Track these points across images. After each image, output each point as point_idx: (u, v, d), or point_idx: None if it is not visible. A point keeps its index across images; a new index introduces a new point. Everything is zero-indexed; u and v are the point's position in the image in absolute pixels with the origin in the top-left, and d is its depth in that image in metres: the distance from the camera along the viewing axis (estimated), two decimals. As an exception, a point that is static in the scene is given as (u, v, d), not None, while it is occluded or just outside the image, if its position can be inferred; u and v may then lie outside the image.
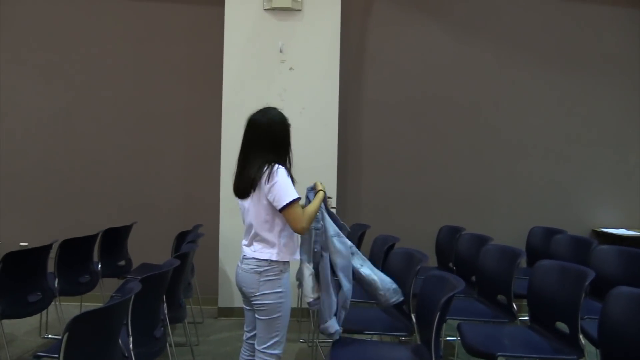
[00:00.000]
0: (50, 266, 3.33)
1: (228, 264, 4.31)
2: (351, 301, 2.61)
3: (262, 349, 2.34)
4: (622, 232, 4.58)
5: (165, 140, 4.72)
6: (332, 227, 2.52)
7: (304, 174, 4.33)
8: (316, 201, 2.45)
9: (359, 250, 2.72)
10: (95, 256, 3.81)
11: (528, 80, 4.76)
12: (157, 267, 3.25)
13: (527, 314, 2.88)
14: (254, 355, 2.41)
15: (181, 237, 3.96)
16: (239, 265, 2.39)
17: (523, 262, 4.23)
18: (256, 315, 2.36)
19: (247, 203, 2.33)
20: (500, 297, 3.11)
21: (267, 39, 4.35)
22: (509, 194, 4.76)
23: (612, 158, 4.81)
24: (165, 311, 2.78)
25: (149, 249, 4.31)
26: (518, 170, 4.77)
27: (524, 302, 2.95)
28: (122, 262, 4.09)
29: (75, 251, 3.51)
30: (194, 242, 3.48)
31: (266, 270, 2.30)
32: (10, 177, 4.67)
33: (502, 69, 4.74)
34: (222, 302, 4.40)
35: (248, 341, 2.51)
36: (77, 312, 1.77)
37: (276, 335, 2.34)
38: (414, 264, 2.92)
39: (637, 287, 2.34)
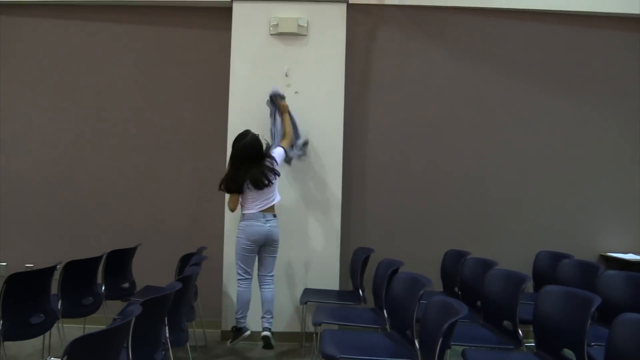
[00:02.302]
0: (54, 288, 3.33)
1: (232, 287, 4.28)
2: (356, 325, 3.44)
3: (272, 272, 3.92)
4: (630, 257, 4.52)
5: (171, 163, 4.76)
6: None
7: (309, 195, 4.41)
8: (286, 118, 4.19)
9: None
10: (100, 278, 3.81)
11: (533, 105, 4.76)
12: (161, 289, 3.24)
13: (533, 340, 2.83)
14: (250, 286, 3.86)
15: (185, 260, 3.96)
16: (264, 224, 3.77)
17: (530, 287, 4.19)
18: (269, 256, 3.89)
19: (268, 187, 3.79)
20: (506, 323, 3.07)
21: (272, 63, 4.41)
22: (515, 218, 4.72)
23: (620, 182, 4.77)
24: (167, 334, 2.76)
25: (154, 271, 4.31)
26: (524, 195, 4.74)
27: (531, 327, 2.90)
28: (126, 284, 4.08)
29: (79, 273, 3.51)
30: (197, 265, 3.48)
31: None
32: (17, 199, 4.72)
33: (507, 94, 4.75)
34: (226, 326, 4.36)
35: (249, 277, 3.86)
36: (79, 335, 1.76)
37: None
38: (417, 289, 2.89)
39: (645, 313, 2.30)
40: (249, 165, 3.72)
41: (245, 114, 4.41)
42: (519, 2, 4.68)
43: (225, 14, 4.50)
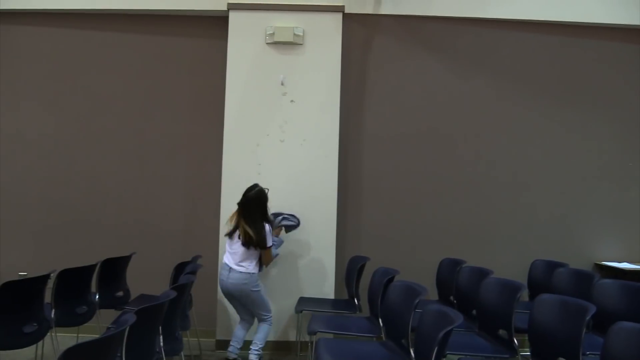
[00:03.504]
0: (48, 296, 3.30)
1: (227, 296, 4.27)
2: (351, 334, 3.45)
3: (262, 317, 3.87)
4: (625, 265, 4.53)
5: (166, 172, 4.75)
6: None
7: (304, 204, 4.41)
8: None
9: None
10: (93, 287, 3.79)
11: (528, 114, 4.78)
12: (156, 298, 3.22)
13: (528, 349, 2.83)
14: (250, 324, 3.95)
15: (180, 268, 3.94)
16: (226, 278, 3.72)
17: (525, 295, 4.18)
18: (248, 307, 3.87)
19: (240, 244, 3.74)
20: (502, 332, 3.06)
21: (268, 72, 4.42)
22: (510, 227, 4.73)
23: (614, 191, 4.78)
24: (161, 343, 2.75)
25: (148, 279, 4.28)
26: (519, 204, 4.75)
27: (526, 336, 2.90)
28: (120, 293, 4.06)
29: (73, 281, 3.50)
30: (192, 274, 3.46)
31: (250, 280, 3.74)
32: (11, 206, 4.70)
33: (502, 103, 4.78)
34: (220, 335, 4.34)
35: (248, 320, 3.95)
36: (73, 344, 1.75)
37: (266, 305, 3.92)
38: (413, 297, 2.89)
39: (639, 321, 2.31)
40: (249, 219, 3.70)
41: (241, 122, 4.42)
42: (514, 13, 4.71)
43: (221, 22, 4.52)
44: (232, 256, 3.75)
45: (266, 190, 3.83)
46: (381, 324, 3.37)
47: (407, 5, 4.66)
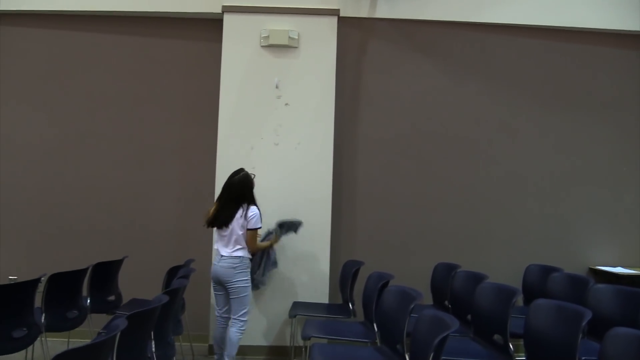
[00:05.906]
0: (38, 301, 3.26)
1: (220, 300, 4.23)
2: (345, 339, 3.43)
3: (236, 315, 3.64)
4: (619, 270, 4.53)
5: (160, 175, 4.72)
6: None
7: (299, 208, 4.38)
8: (265, 244, 4.03)
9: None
10: (85, 291, 3.74)
11: (523, 118, 4.79)
12: (148, 302, 3.18)
13: (524, 354, 2.81)
14: (226, 324, 3.69)
15: (172, 272, 3.91)
16: (217, 263, 3.66)
17: (519, 300, 4.18)
18: (230, 298, 3.65)
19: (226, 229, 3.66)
20: (497, 337, 3.05)
21: (263, 75, 4.40)
22: (505, 232, 4.73)
23: (608, 196, 4.79)
24: (153, 349, 2.71)
25: (140, 283, 4.25)
26: (514, 208, 4.75)
27: (521, 341, 2.89)
28: (112, 297, 4.01)
29: (64, 286, 3.45)
30: (185, 278, 3.42)
31: (239, 265, 3.64)
32: (2, 210, 4.64)
33: (497, 107, 4.78)
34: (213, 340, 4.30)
35: (222, 315, 3.75)
36: (63, 349, 1.72)
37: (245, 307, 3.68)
38: (408, 302, 2.87)
39: (635, 327, 2.30)
40: (229, 205, 3.65)
41: (235, 125, 4.39)
42: (508, 17, 4.72)
43: (216, 25, 4.50)
44: (222, 241, 3.67)
45: (252, 176, 3.72)
46: (376, 329, 3.35)
47: (402, 9, 4.66)
